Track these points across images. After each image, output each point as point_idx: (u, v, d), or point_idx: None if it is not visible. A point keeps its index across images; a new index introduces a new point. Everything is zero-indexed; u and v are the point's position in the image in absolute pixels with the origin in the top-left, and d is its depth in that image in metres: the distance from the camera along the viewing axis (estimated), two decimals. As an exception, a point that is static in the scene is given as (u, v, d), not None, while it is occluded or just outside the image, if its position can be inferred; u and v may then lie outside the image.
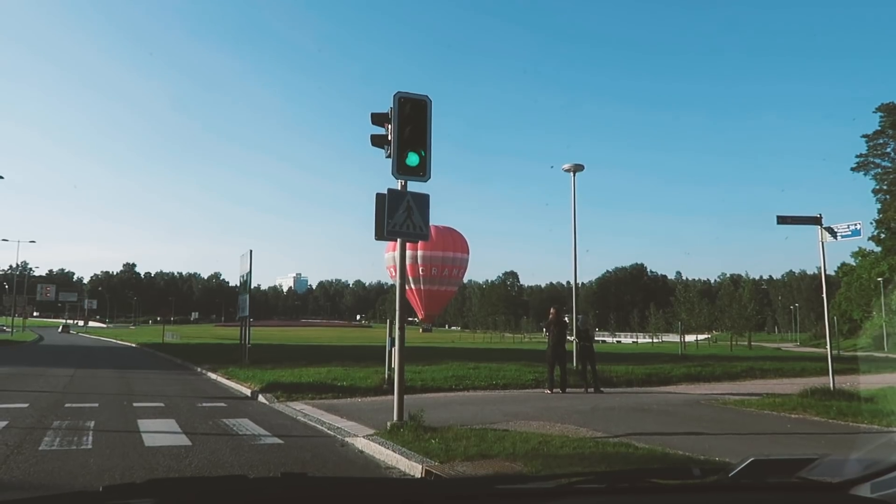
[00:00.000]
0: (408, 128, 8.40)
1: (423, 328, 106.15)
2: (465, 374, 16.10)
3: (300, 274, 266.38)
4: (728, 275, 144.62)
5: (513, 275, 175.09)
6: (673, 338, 71.75)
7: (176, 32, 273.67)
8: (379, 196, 8.66)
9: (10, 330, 66.65)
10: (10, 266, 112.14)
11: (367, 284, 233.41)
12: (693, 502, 1.21)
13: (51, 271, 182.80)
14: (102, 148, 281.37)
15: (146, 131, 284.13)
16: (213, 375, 18.47)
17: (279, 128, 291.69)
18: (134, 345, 47.59)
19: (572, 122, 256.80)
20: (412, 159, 8.41)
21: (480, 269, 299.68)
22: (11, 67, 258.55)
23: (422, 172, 8.45)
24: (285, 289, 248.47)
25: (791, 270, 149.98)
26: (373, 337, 53.37)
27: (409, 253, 9.60)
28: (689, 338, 57.53)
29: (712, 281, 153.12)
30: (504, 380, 15.42)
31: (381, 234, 8.70)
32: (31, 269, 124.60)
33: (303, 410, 10.90)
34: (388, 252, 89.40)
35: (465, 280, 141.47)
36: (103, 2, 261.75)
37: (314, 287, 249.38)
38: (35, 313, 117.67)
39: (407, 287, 12.30)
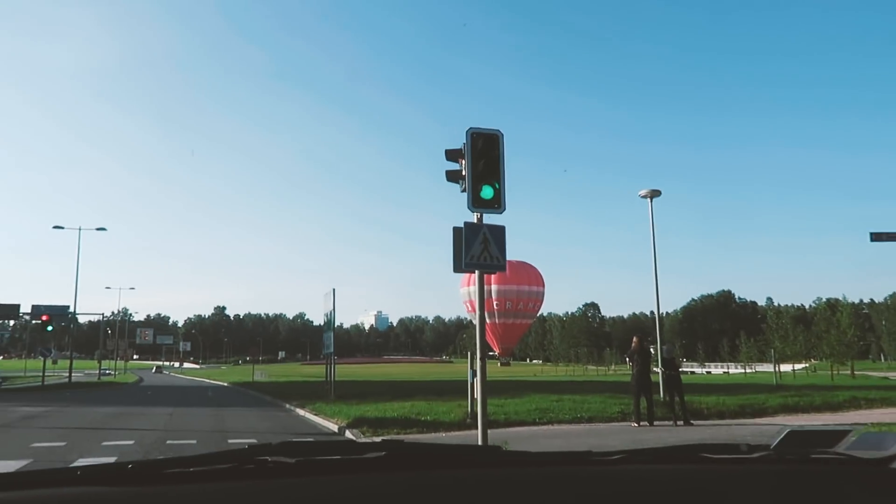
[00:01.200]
0: (481, 161, 8.56)
1: (501, 362, 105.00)
2: (548, 407, 15.85)
3: (381, 312, 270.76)
4: (824, 299, 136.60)
5: (594, 306, 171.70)
6: (766, 367, 68.10)
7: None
8: (456, 229, 8.87)
9: (112, 373, 70.86)
10: (113, 312, 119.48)
11: (446, 320, 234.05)
12: (740, 473, 1.28)
13: (148, 316, 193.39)
14: (198, 195, 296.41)
15: (233, 178, 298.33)
16: (300, 412, 18.98)
17: (355, 168, 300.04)
18: (226, 384, 49.48)
19: (647, 144, 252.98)
20: (486, 192, 8.54)
21: (560, 303, 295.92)
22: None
23: (496, 205, 8.56)
24: (367, 327, 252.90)
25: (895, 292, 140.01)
26: (454, 371, 53.17)
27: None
28: (785, 367, 54.38)
29: (807, 306, 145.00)
30: (589, 412, 15.07)
31: (459, 267, 8.88)
32: (130, 314, 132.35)
33: (388, 444, 11.02)
34: (464, 287, 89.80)
35: (545, 313, 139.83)
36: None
37: (395, 324, 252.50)
38: (135, 356, 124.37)
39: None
